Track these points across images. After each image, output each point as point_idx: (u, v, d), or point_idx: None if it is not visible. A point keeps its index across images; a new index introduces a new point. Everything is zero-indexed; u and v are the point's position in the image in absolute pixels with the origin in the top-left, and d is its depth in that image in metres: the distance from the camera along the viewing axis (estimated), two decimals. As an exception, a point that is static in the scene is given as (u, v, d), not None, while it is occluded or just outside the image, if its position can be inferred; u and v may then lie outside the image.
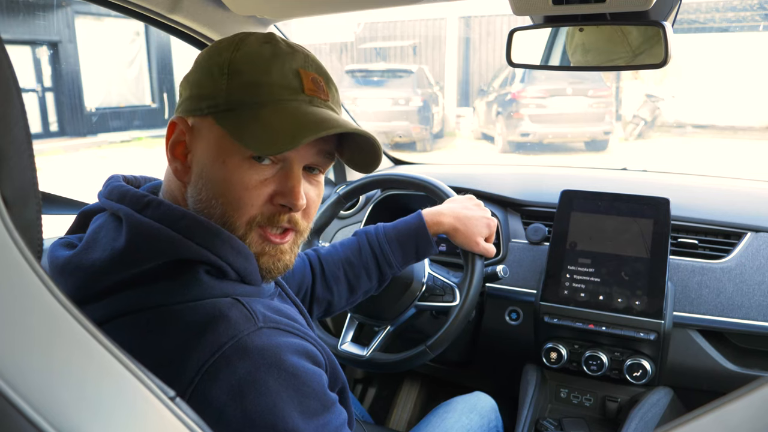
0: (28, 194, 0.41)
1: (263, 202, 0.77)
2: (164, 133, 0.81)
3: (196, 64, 0.80)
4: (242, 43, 0.77)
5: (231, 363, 0.65)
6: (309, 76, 0.77)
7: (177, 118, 0.79)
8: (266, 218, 0.78)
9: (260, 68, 0.74)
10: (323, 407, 0.71)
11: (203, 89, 0.76)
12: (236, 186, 0.75)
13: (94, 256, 0.72)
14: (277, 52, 0.76)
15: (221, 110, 0.74)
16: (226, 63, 0.75)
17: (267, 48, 0.76)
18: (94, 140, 9.45)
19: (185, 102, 0.79)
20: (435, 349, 1.29)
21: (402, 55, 13.09)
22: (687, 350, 1.39)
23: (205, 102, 0.75)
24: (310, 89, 0.76)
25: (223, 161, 0.75)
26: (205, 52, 0.79)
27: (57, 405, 0.33)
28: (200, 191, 0.77)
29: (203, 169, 0.76)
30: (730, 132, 9.73)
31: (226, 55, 0.75)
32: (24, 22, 8.14)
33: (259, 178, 0.76)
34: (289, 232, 0.81)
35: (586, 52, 1.29)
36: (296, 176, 0.78)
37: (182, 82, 0.81)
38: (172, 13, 1.30)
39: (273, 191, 0.77)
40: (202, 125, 0.77)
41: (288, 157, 0.77)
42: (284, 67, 0.75)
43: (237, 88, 0.74)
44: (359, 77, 10.36)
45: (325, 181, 0.90)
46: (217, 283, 0.73)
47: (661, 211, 1.43)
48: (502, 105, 9.66)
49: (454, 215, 1.28)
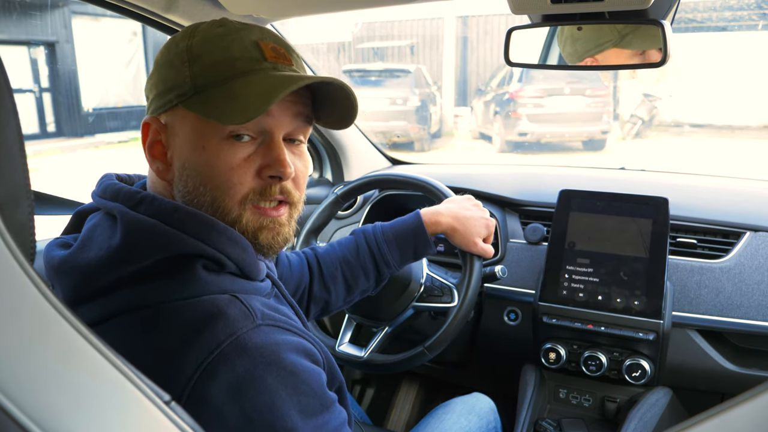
0: (20, 196, 0.40)
1: (251, 178, 0.77)
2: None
3: (156, 63, 0.80)
4: (196, 30, 0.77)
5: (230, 361, 0.65)
6: (268, 45, 0.78)
7: (149, 118, 0.79)
8: (258, 194, 0.77)
9: (219, 47, 0.75)
10: (322, 406, 0.71)
11: (168, 82, 0.76)
12: (221, 168, 0.75)
13: (90, 255, 0.72)
14: (231, 30, 0.77)
15: (189, 96, 0.74)
16: (185, 51, 0.75)
17: (221, 30, 0.77)
18: (92, 141, 9.44)
19: (153, 101, 0.79)
20: (433, 349, 1.29)
21: (399, 54, 13.10)
22: (686, 350, 1.39)
23: (172, 93, 0.75)
24: (272, 57, 0.77)
25: (202, 147, 0.75)
26: (162, 49, 0.80)
27: (49, 410, 0.33)
28: (186, 183, 0.76)
29: (185, 160, 0.76)
30: (728, 131, 9.74)
31: (183, 44, 0.76)
32: (21, 23, 8.13)
33: (242, 155, 0.76)
34: (283, 205, 0.81)
35: (575, 41, 1.29)
36: (278, 145, 0.78)
37: (146, 86, 0.81)
38: (168, 12, 1.30)
39: (259, 165, 0.77)
40: (174, 118, 0.77)
41: (267, 128, 0.77)
42: (243, 41, 0.76)
43: (200, 71, 0.74)
44: (357, 77, 10.37)
45: (322, 181, 0.89)
46: (215, 278, 0.73)
47: (659, 211, 1.43)
48: (500, 104, 9.66)
49: (452, 215, 1.28)
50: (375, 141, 2.15)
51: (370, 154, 2.13)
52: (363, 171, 2.07)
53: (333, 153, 2.04)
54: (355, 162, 2.07)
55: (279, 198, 0.79)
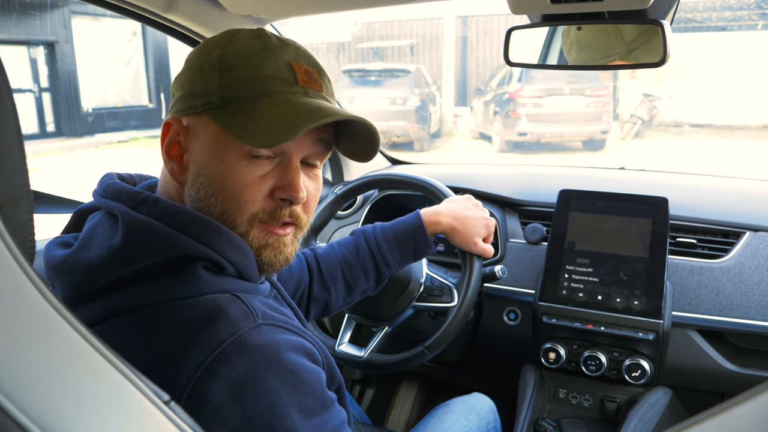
0: (20, 195, 0.40)
1: (263, 197, 0.77)
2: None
3: (186, 63, 0.79)
4: (233, 39, 0.76)
5: (230, 360, 0.65)
6: (301, 68, 0.77)
7: (171, 118, 0.79)
8: (267, 214, 0.77)
9: (253, 62, 0.74)
10: (322, 406, 0.71)
11: (196, 87, 0.76)
12: (235, 183, 0.75)
13: (90, 254, 0.72)
14: (269, 46, 0.76)
15: (216, 107, 0.74)
16: (218, 59, 0.75)
17: (258, 42, 0.76)
18: (91, 140, 9.44)
19: (178, 102, 0.78)
20: (433, 349, 1.29)
21: (399, 54, 13.10)
22: (686, 350, 1.39)
23: (199, 100, 0.75)
24: (303, 81, 0.76)
25: (220, 158, 0.75)
26: (196, 50, 0.79)
27: (49, 410, 0.33)
28: (198, 190, 0.76)
29: (201, 167, 0.76)
30: (728, 131, 9.75)
31: (218, 52, 0.75)
32: (20, 22, 8.12)
33: (258, 173, 0.76)
34: (290, 225, 0.81)
35: (581, 49, 1.29)
36: (295, 169, 0.78)
37: (174, 83, 0.81)
38: (168, 12, 1.29)
39: (272, 186, 0.77)
40: (197, 124, 0.76)
41: (286, 151, 0.77)
42: (277, 60, 0.75)
43: (230, 84, 0.74)
44: (356, 77, 10.36)
45: (323, 181, 0.89)
46: (215, 278, 0.73)
47: (659, 211, 1.43)
48: (500, 104, 9.66)
49: (452, 215, 1.28)
50: (375, 141, 2.14)
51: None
52: (362, 171, 2.07)
53: (333, 153, 2.03)
54: (355, 162, 2.07)
55: (287, 220, 0.79)
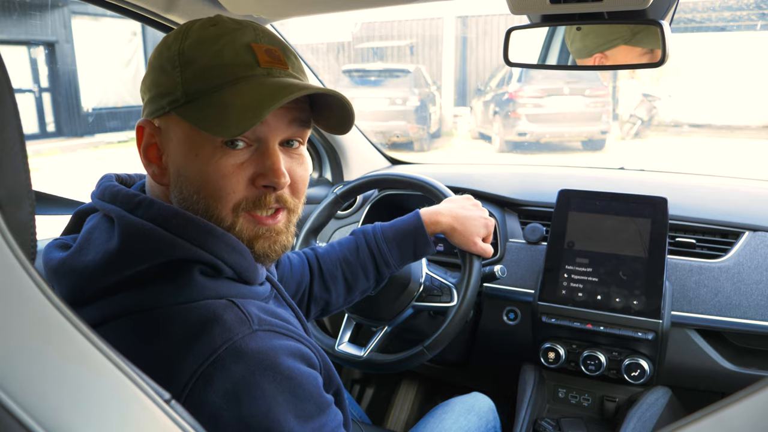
0: (22, 196, 0.41)
1: (244, 186, 0.75)
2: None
3: (149, 65, 0.78)
4: (188, 32, 0.75)
5: (226, 366, 0.65)
6: (262, 48, 0.75)
7: (143, 121, 0.78)
8: (251, 202, 0.76)
9: (210, 52, 0.73)
10: (318, 410, 0.71)
11: (160, 87, 0.75)
12: (213, 176, 0.74)
13: (88, 258, 0.72)
14: (224, 32, 0.74)
15: (181, 103, 0.73)
16: (176, 55, 0.74)
17: (213, 30, 0.75)
18: (91, 141, 9.43)
19: (147, 104, 0.77)
20: (432, 349, 1.29)
21: (399, 54, 13.09)
22: (685, 350, 1.39)
23: (165, 99, 0.74)
24: (265, 61, 0.74)
25: (195, 154, 0.74)
26: (156, 49, 0.78)
27: (50, 408, 0.33)
28: (182, 190, 0.76)
29: (179, 167, 0.75)
30: (727, 131, 9.75)
31: (175, 48, 0.74)
32: (20, 22, 8.12)
33: (235, 162, 0.74)
34: (280, 212, 0.79)
35: (585, 36, 1.29)
36: (273, 153, 0.76)
37: (141, 86, 0.80)
38: (168, 12, 1.30)
39: (252, 173, 0.75)
40: (168, 124, 0.76)
41: (261, 136, 0.76)
42: (235, 44, 0.73)
43: (192, 78, 0.72)
44: (356, 77, 10.36)
45: (322, 181, 0.89)
46: (212, 283, 0.73)
47: (658, 211, 1.43)
48: (499, 104, 9.66)
49: (451, 215, 1.28)
50: (374, 141, 2.15)
51: (370, 154, 2.13)
52: (362, 171, 2.07)
53: (332, 153, 2.04)
54: (355, 162, 2.08)
55: (275, 206, 0.78)
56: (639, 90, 10.12)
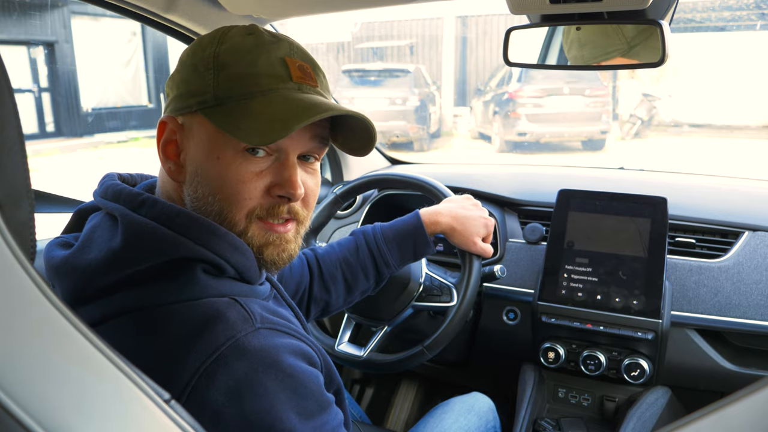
0: (21, 195, 0.41)
1: (260, 194, 0.77)
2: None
3: (180, 62, 0.79)
4: (225, 37, 0.76)
5: (228, 364, 0.65)
6: (295, 63, 0.77)
7: (167, 117, 0.79)
8: (265, 210, 0.77)
9: (246, 60, 0.74)
10: (320, 408, 0.71)
11: (190, 86, 0.75)
12: (232, 180, 0.75)
13: (90, 256, 0.72)
14: (261, 42, 0.76)
15: (210, 105, 0.74)
16: (211, 57, 0.74)
17: (251, 39, 0.76)
18: (91, 141, 9.43)
19: (173, 101, 0.78)
20: (432, 349, 1.29)
21: (399, 54, 13.09)
22: (685, 350, 1.39)
23: (193, 99, 0.75)
24: (297, 77, 0.76)
25: (216, 157, 0.75)
26: (189, 48, 0.79)
27: (50, 408, 0.33)
28: (196, 189, 0.76)
29: (198, 166, 0.76)
30: (727, 131, 9.75)
31: (211, 50, 0.75)
32: (20, 22, 8.12)
33: (255, 170, 0.76)
34: (291, 222, 0.81)
35: (582, 46, 1.29)
36: (292, 165, 0.77)
37: (168, 82, 0.81)
38: (168, 12, 1.30)
39: (270, 183, 0.77)
40: (192, 123, 0.76)
41: (282, 147, 0.77)
42: (270, 56, 0.75)
43: (224, 82, 0.73)
44: (356, 77, 10.36)
45: (322, 181, 0.89)
46: (214, 281, 0.73)
47: (658, 211, 1.43)
48: (499, 104, 9.66)
49: (451, 215, 1.28)
50: (374, 141, 2.14)
51: (370, 153, 2.12)
52: (362, 171, 2.07)
53: (332, 153, 2.04)
54: (355, 162, 2.08)
55: (285, 217, 0.79)
56: (639, 90, 10.12)
